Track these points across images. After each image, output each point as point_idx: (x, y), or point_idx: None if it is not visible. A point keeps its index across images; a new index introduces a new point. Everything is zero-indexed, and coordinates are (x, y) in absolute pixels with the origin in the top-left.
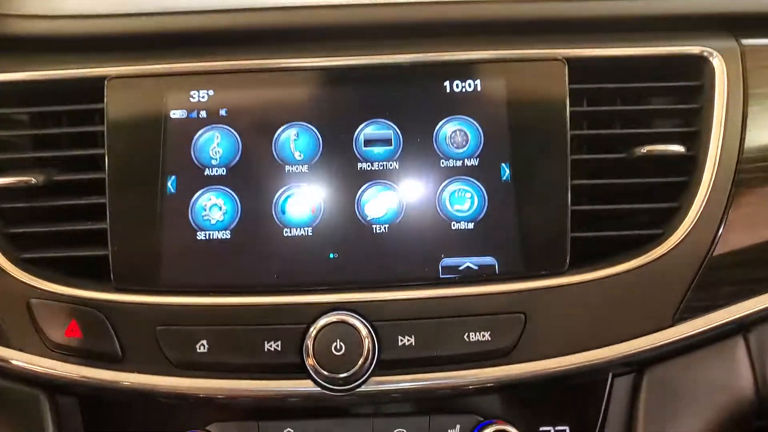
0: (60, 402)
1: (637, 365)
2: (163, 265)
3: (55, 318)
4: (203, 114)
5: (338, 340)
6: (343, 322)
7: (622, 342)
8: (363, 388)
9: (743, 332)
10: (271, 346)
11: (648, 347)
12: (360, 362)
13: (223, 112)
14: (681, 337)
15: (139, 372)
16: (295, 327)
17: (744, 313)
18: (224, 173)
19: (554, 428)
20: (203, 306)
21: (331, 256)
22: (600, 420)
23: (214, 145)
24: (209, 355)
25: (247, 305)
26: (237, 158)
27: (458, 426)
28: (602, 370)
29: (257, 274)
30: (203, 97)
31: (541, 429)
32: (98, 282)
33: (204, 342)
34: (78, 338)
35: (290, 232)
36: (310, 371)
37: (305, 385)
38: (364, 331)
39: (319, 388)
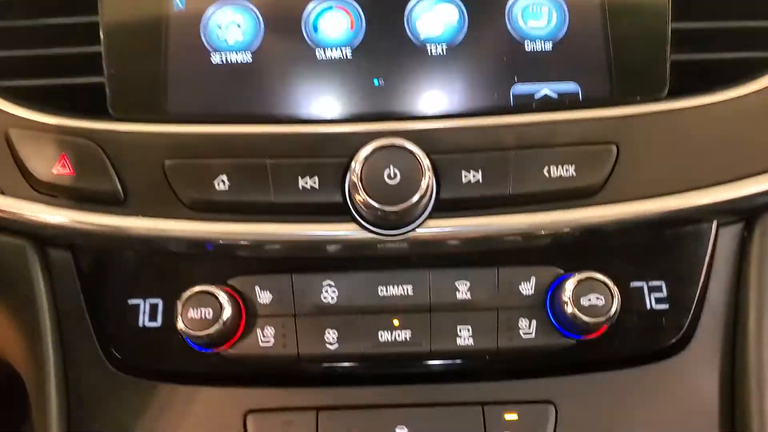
0: (51, 256)
1: (747, 213)
2: (171, 91)
3: (41, 151)
4: None
5: (392, 167)
6: (400, 147)
7: (728, 183)
8: (419, 231)
9: None
10: (306, 182)
11: (760, 191)
12: (419, 194)
13: None
14: None
15: (145, 216)
16: (336, 160)
17: None
18: None
19: (647, 284)
20: (221, 135)
21: (376, 82)
22: (702, 277)
23: None
24: (230, 193)
25: (276, 134)
26: None
27: (533, 279)
28: (705, 216)
29: (282, 104)
30: None
31: (632, 285)
32: (92, 113)
33: (223, 178)
34: (69, 176)
35: (324, 54)
36: (358, 207)
37: (348, 229)
38: (423, 157)
39: (366, 231)
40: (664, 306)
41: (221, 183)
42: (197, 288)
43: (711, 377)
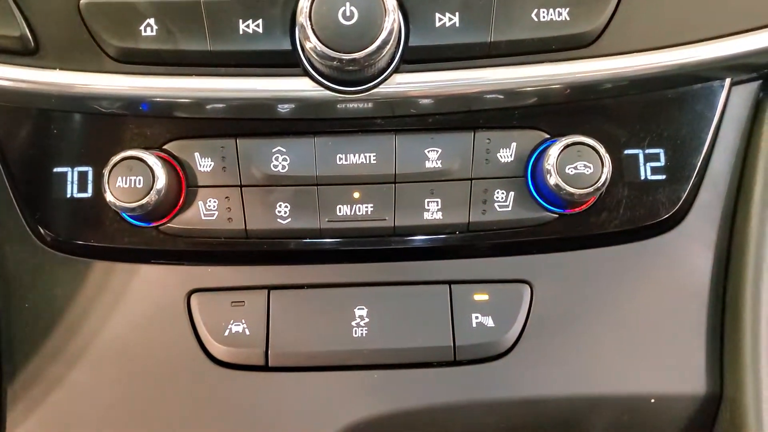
0: None
1: (763, 69)
2: None
3: None
4: None
5: (348, 4)
6: None
7: (745, 33)
8: (383, 87)
9: None
10: (248, 25)
11: None
12: (381, 38)
13: None
14: None
15: (63, 69)
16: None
17: None
18: None
19: (644, 152)
20: None
21: None
22: (707, 143)
23: None
24: (159, 40)
25: None
26: None
27: (513, 145)
28: (716, 74)
29: None
30: None
31: (625, 152)
32: None
33: (150, 21)
34: None
35: None
36: (310, 57)
37: (300, 85)
38: None
39: (321, 87)
40: (660, 177)
41: (148, 28)
42: (125, 153)
43: (705, 255)
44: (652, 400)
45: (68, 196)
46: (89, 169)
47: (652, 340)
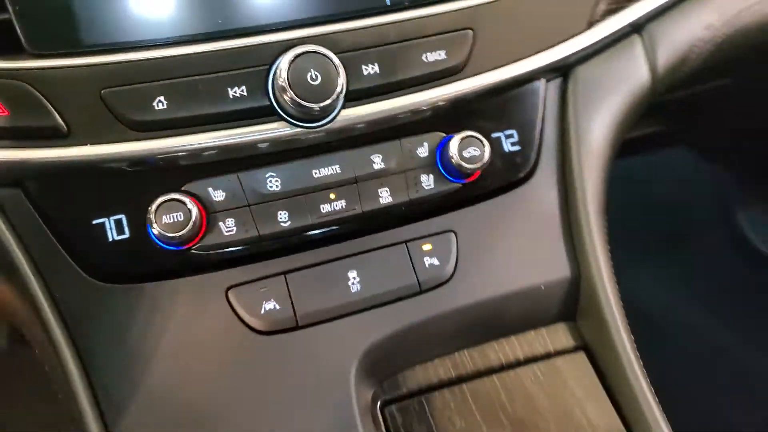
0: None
1: (564, 69)
2: (84, 21)
3: None
4: None
5: (312, 70)
6: (315, 52)
7: (549, 48)
8: (338, 120)
9: (639, 31)
10: (235, 91)
11: (570, 52)
12: (337, 90)
13: None
14: (594, 40)
15: (92, 143)
16: (259, 68)
17: (638, 16)
18: None
19: (504, 134)
20: (151, 60)
21: None
22: (539, 123)
23: None
24: (169, 110)
25: (201, 54)
26: None
27: (426, 143)
28: (537, 76)
29: (197, 22)
30: None
31: (493, 136)
32: (6, 52)
33: (161, 98)
34: (5, 116)
35: None
36: (286, 107)
37: (277, 127)
38: (336, 60)
39: (293, 127)
40: (517, 148)
41: (160, 103)
42: (164, 197)
43: (552, 193)
44: (543, 287)
45: (110, 239)
46: (123, 216)
47: (534, 248)
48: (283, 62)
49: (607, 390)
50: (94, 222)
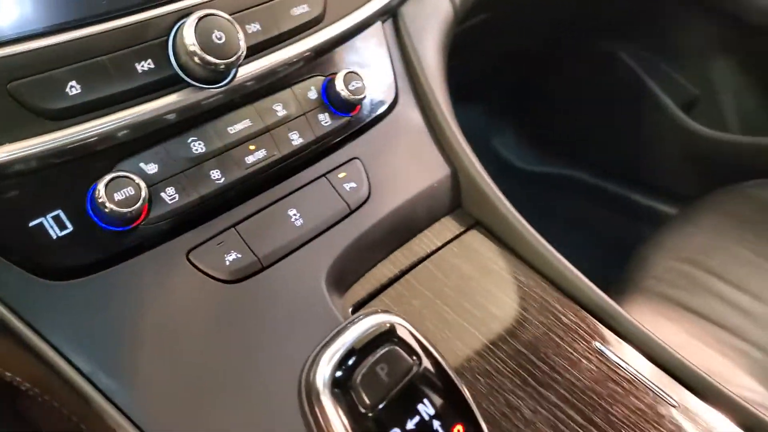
0: None
1: (392, 11)
2: None
3: None
4: None
5: (216, 31)
6: (215, 14)
7: None
8: (241, 75)
9: None
10: (143, 65)
11: None
12: (241, 45)
13: None
14: None
15: (9, 142)
16: (161, 39)
17: None
18: None
19: (369, 68)
20: (55, 46)
21: None
22: (388, 55)
23: None
24: (84, 94)
25: (104, 33)
26: None
27: (313, 87)
28: (375, 18)
29: (87, 5)
30: None
31: (360, 71)
32: None
33: (73, 83)
34: None
35: None
36: (196, 69)
37: (188, 93)
38: (232, 19)
39: (201, 90)
40: (380, 79)
41: (73, 88)
42: (109, 176)
43: (418, 117)
44: (435, 185)
45: (54, 237)
46: (59, 211)
47: (419, 157)
48: (188, 28)
49: (505, 245)
50: (31, 224)
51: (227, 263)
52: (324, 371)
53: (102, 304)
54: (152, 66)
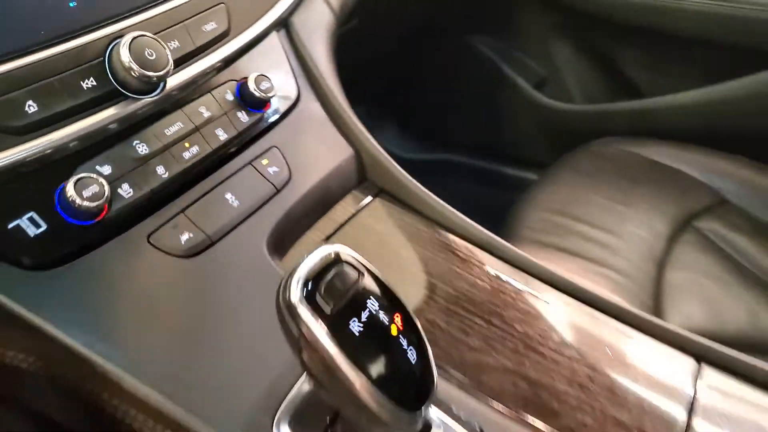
0: None
1: (284, 21)
2: None
3: None
4: None
5: (147, 49)
6: (144, 35)
7: (273, 7)
8: (168, 88)
9: None
10: (87, 83)
11: (285, 8)
12: (169, 60)
13: None
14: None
15: None
16: (100, 59)
17: None
18: None
19: (273, 72)
20: (13, 71)
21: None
22: (287, 60)
23: None
24: (40, 111)
25: (52, 57)
26: None
27: (228, 90)
28: (272, 29)
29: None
30: None
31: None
32: None
33: (30, 102)
34: None
35: None
36: (132, 83)
37: (127, 104)
38: (159, 39)
39: (138, 100)
40: (283, 81)
41: (31, 107)
42: (75, 177)
43: (319, 108)
44: (343, 164)
45: (31, 235)
46: (33, 213)
47: (326, 142)
48: (123, 47)
49: (406, 205)
50: (10, 227)
51: (182, 242)
52: (296, 291)
53: (84, 285)
54: (95, 83)
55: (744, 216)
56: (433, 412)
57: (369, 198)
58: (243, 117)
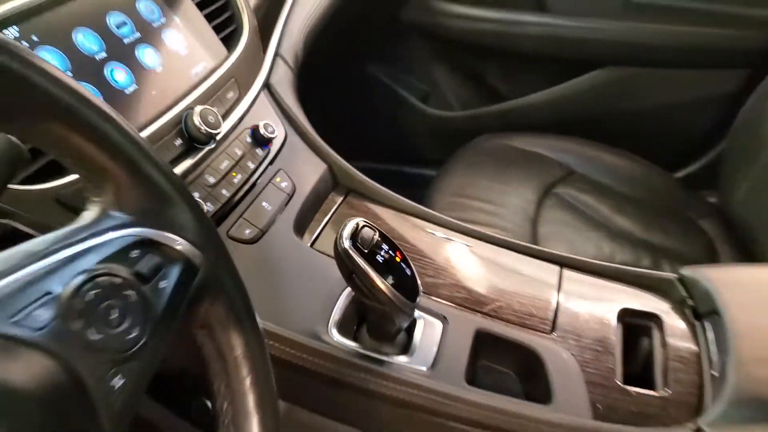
0: None
1: (266, 83)
2: None
3: None
4: None
5: (209, 115)
6: (206, 107)
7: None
8: (218, 138)
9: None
10: (178, 142)
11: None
12: (220, 120)
13: None
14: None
15: None
16: (178, 126)
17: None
18: None
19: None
20: None
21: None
22: (276, 114)
23: None
24: None
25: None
26: None
27: (247, 136)
28: (261, 90)
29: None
30: None
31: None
32: None
33: None
34: None
35: None
36: (200, 137)
37: (197, 152)
38: (213, 109)
39: (201, 150)
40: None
41: None
42: None
43: (302, 143)
44: (322, 174)
45: None
46: None
47: (309, 162)
48: (196, 116)
49: (368, 198)
50: None
51: (246, 234)
52: (347, 242)
53: None
54: (180, 141)
55: (587, 181)
56: (416, 312)
57: (342, 196)
58: (259, 152)
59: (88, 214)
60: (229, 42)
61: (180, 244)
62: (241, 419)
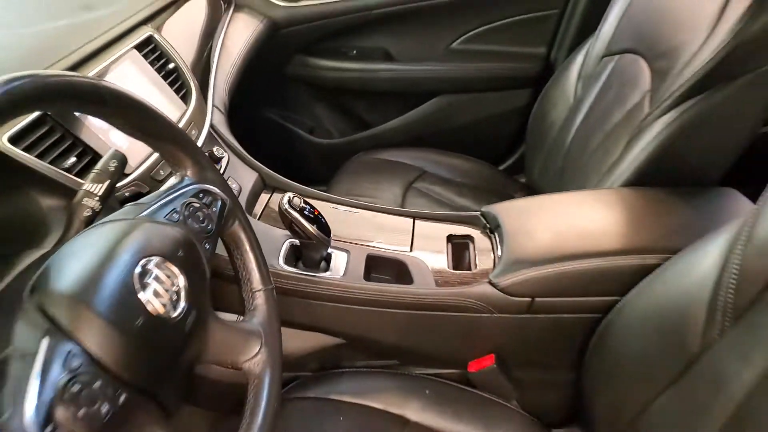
0: None
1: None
2: None
3: None
4: None
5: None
6: None
7: None
8: None
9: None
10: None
11: None
12: None
13: None
14: None
15: None
16: None
17: None
18: None
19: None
20: None
21: None
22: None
23: None
24: None
25: None
26: None
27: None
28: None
29: None
30: None
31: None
32: None
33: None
34: None
35: None
36: None
37: None
38: None
39: None
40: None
41: None
42: None
43: (241, 163)
44: (256, 180)
45: None
46: None
47: (246, 172)
48: None
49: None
50: None
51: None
52: (285, 205)
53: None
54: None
55: (437, 177)
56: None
57: (270, 192)
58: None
59: (174, 179)
60: (184, 99)
61: (217, 192)
62: (249, 268)
